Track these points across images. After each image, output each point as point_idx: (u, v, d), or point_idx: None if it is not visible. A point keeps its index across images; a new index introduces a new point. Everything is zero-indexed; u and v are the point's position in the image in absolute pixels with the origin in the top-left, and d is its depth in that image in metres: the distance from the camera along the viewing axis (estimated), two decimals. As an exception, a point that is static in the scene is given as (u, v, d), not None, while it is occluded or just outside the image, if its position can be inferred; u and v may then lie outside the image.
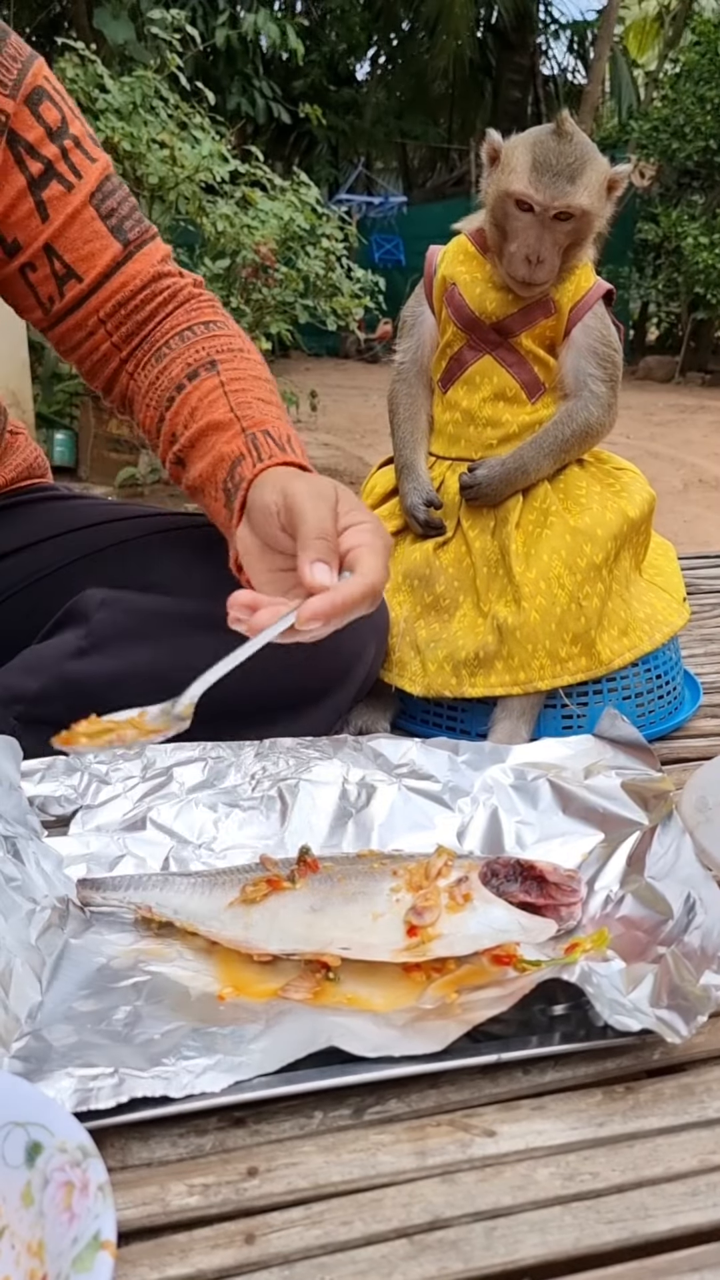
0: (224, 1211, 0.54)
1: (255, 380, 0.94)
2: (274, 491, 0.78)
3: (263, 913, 0.71)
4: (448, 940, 0.68)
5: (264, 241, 4.13)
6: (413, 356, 1.14)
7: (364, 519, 0.76)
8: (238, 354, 0.96)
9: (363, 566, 0.73)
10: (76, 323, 0.97)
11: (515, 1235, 0.53)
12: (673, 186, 9.73)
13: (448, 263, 1.11)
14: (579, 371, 1.08)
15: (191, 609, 0.92)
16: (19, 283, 0.96)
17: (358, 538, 0.75)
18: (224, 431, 0.89)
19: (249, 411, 0.90)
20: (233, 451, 0.87)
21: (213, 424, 0.90)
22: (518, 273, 1.02)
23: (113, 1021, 0.63)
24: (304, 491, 0.76)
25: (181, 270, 1.01)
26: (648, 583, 1.12)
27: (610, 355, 1.09)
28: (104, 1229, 0.46)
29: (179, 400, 0.93)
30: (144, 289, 0.96)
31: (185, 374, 0.93)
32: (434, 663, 1.03)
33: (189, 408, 0.92)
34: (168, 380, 0.94)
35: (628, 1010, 0.61)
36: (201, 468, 0.90)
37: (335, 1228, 0.53)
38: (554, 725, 1.04)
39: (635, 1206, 0.54)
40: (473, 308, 1.07)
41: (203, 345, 0.95)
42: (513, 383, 1.08)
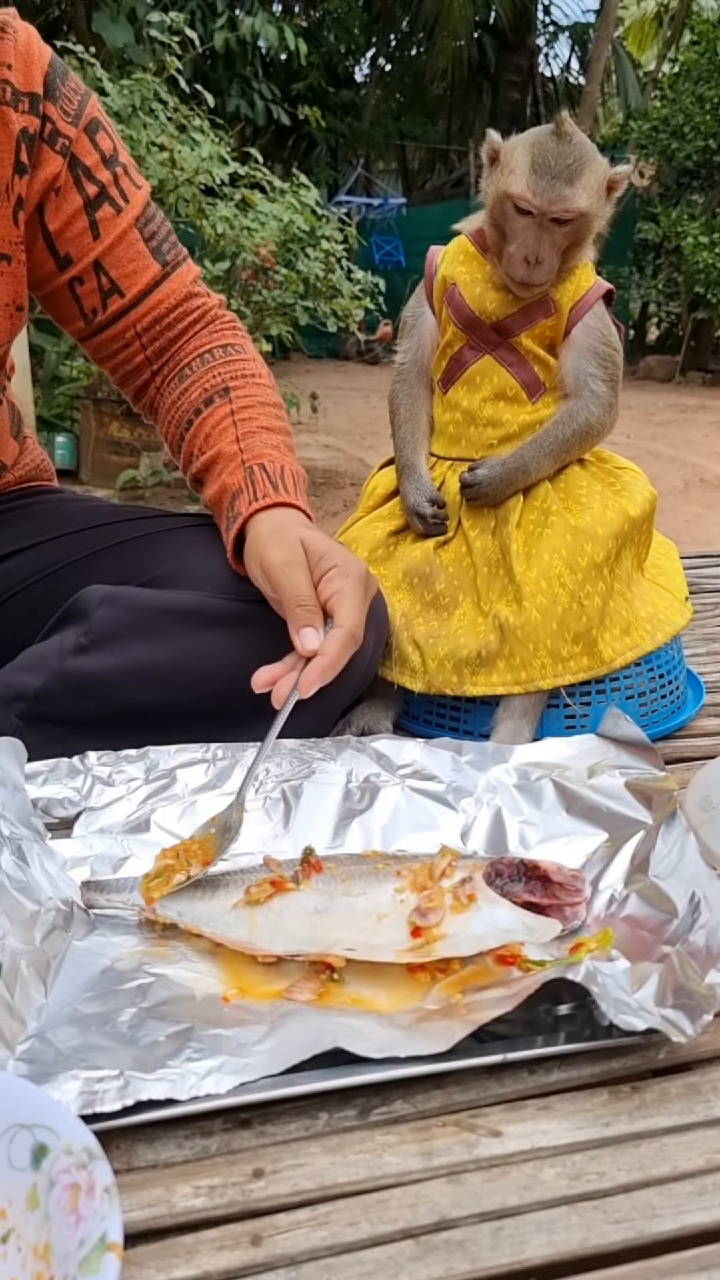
0: (230, 1213, 0.54)
1: (263, 406, 1.02)
2: (254, 565, 0.89)
3: (267, 914, 0.71)
4: (452, 941, 0.68)
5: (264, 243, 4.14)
6: (413, 357, 1.14)
7: (334, 563, 0.86)
8: (250, 380, 1.04)
9: (340, 614, 0.84)
10: (115, 334, 1.05)
11: (522, 1235, 0.53)
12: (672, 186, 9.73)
13: (448, 263, 1.11)
14: (579, 371, 1.08)
15: (192, 605, 0.93)
16: (65, 295, 1.03)
17: (332, 585, 0.85)
18: (228, 462, 0.98)
19: (251, 442, 0.99)
20: (233, 484, 0.97)
21: (220, 454, 0.99)
22: (516, 274, 1.02)
23: (117, 1024, 0.63)
24: (277, 563, 0.86)
25: (208, 290, 1.10)
26: (649, 582, 1.12)
27: (610, 355, 1.09)
28: (110, 1231, 0.46)
29: (195, 425, 1.02)
30: (177, 307, 1.05)
31: (202, 399, 1.02)
32: (434, 659, 1.03)
33: (203, 434, 1.01)
34: (187, 404, 1.03)
35: (633, 1010, 0.61)
36: (211, 492, 1.00)
37: (341, 1229, 0.53)
38: (556, 725, 1.03)
39: (642, 1206, 0.54)
40: (473, 308, 1.07)
41: (219, 370, 1.04)
42: (513, 382, 1.08)
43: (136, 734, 0.91)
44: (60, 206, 0.99)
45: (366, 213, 10.78)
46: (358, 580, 0.85)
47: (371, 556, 1.10)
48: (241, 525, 0.93)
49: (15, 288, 1.01)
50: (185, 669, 0.92)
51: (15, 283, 1.00)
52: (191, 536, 1.04)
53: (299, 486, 0.98)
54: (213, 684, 0.92)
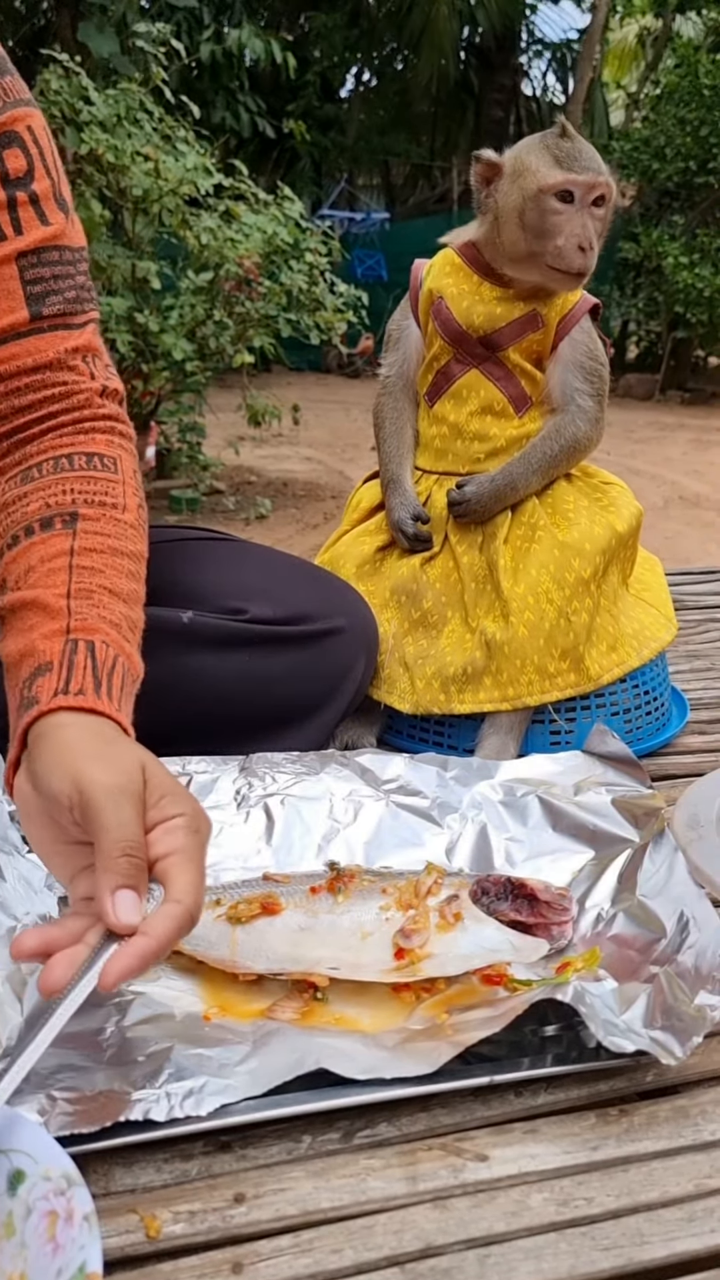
0: (210, 1239, 0.53)
1: (114, 556, 0.78)
2: (63, 779, 0.61)
3: (249, 932, 0.70)
4: (439, 960, 0.67)
5: (247, 255, 4.14)
6: (398, 370, 1.13)
7: (177, 810, 0.61)
8: (108, 511, 0.80)
9: (176, 885, 0.58)
10: None
11: (509, 1263, 0.52)
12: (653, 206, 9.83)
13: (434, 276, 1.11)
14: (566, 386, 1.08)
15: (178, 624, 0.91)
16: None
17: (170, 841, 0.60)
18: (47, 620, 0.72)
19: (84, 606, 0.73)
20: (43, 654, 0.70)
21: (38, 602, 0.73)
22: (574, 264, 1.01)
23: (96, 1043, 0.62)
24: (103, 786, 0.59)
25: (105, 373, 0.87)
26: (635, 598, 1.12)
27: (597, 370, 1.09)
28: (90, 1260, 0.44)
29: (21, 547, 0.77)
30: (36, 372, 0.83)
31: (38, 518, 0.78)
32: (422, 679, 1.02)
33: (26, 564, 0.76)
34: (20, 514, 0.80)
35: (621, 1031, 0.61)
36: (11, 648, 0.74)
37: (325, 1256, 0.52)
38: (542, 741, 1.03)
39: (631, 1233, 0.53)
40: (460, 321, 1.07)
41: (73, 486, 0.80)
42: (500, 396, 1.08)
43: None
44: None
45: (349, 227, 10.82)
46: (203, 842, 0.62)
47: (358, 572, 1.09)
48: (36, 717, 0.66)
49: None
50: (173, 691, 0.89)
51: None
52: (182, 551, 1.02)
53: (127, 689, 0.72)
54: (203, 706, 0.91)
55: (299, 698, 0.93)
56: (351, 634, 0.97)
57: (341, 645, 0.96)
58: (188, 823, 0.61)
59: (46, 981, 0.55)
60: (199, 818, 0.63)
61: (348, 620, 0.97)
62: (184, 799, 0.63)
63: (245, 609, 0.93)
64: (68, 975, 0.55)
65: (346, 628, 0.96)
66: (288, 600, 0.95)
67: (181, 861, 0.59)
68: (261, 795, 0.86)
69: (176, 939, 0.58)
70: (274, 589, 0.96)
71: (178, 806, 0.62)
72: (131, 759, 0.63)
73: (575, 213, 1.01)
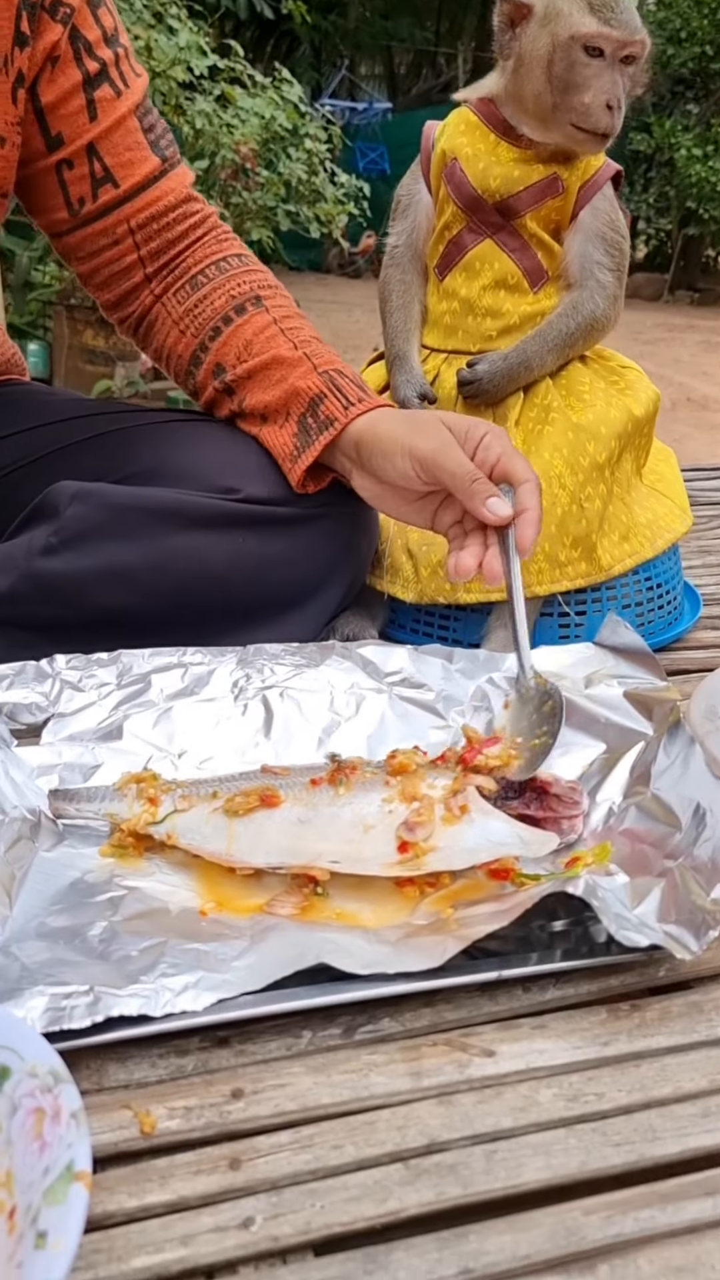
0: (207, 1135, 0.51)
1: (300, 318, 0.97)
2: (404, 460, 0.82)
3: (246, 825, 0.67)
4: (444, 854, 0.64)
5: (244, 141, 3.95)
6: (407, 240, 1.06)
7: (482, 431, 0.82)
8: (276, 290, 0.98)
9: (517, 473, 0.80)
10: (103, 229, 0.95)
11: (517, 1159, 0.50)
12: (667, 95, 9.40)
13: (448, 136, 1.03)
14: (585, 258, 1.01)
15: (171, 503, 0.87)
16: (50, 179, 0.94)
17: (493, 451, 0.81)
18: (293, 367, 0.92)
19: (312, 350, 0.93)
20: (310, 388, 0.90)
21: (278, 359, 0.92)
22: (600, 124, 0.94)
23: (87, 938, 0.59)
24: (432, 449, 0.81)
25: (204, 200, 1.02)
26: (649, 488, 1.07)
27: (618, 242, 1.02)
28: (78, 1159, 0.42)
29: (227, 332, 0.95)
30: (178, 207, 0.97)
31: (231, 307, 0.95)
32: (427, 568, 0.97)
33: (241, 340, 0.94)
34: (210, 310, 0.96)
35: (634, 926, 0.58)
36: (268, 398, 0.92)
37: (326, 1151, 0.50)
38: (551, 634, 0.99)
39: (643, 1128, 0.51)
40: (475, 185, 1.00)
41: (243, 279, 0.97)
42: (515, 269, 1.02)
43: (109, 640, 0.85)
44: (56, 79, 0.90)
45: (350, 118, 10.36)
46: (508, 440, 0.82)
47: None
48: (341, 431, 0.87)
49: (4, 173, 0.91)
50: (164, 573, 0.86)
51: (6, 167, 0.91)
52: (175, 430, 0.98)
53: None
54: (194, 589, 0.87)
55: (295, 582, 0.89)
56: (348, 515, 0.92)
57: (338, 527, 0.92)
58: (492, 435, 0.82)
59: (489, 573, 0.79)
60: (491, 427, 0.83)
61: (344, 501, 0.92)
62: (477, 423, 0.83)
63: (238, 488, 0.88)
64: (498, 564, 0.79)
65: (343, 509, 0.92)
66: (282, 479, 0.90)
67: (508, 457, 0.80)
68: (260, 688, 0.82)
69: (541, 505, 0.79)
70: (268, 468, 0.91)
71: (479, 430, 0.82)
72: (432, 419, 0.84)
73: (605, 68, 0.94)
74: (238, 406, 0.96)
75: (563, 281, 1.03)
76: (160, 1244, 0.45)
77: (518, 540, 0.78)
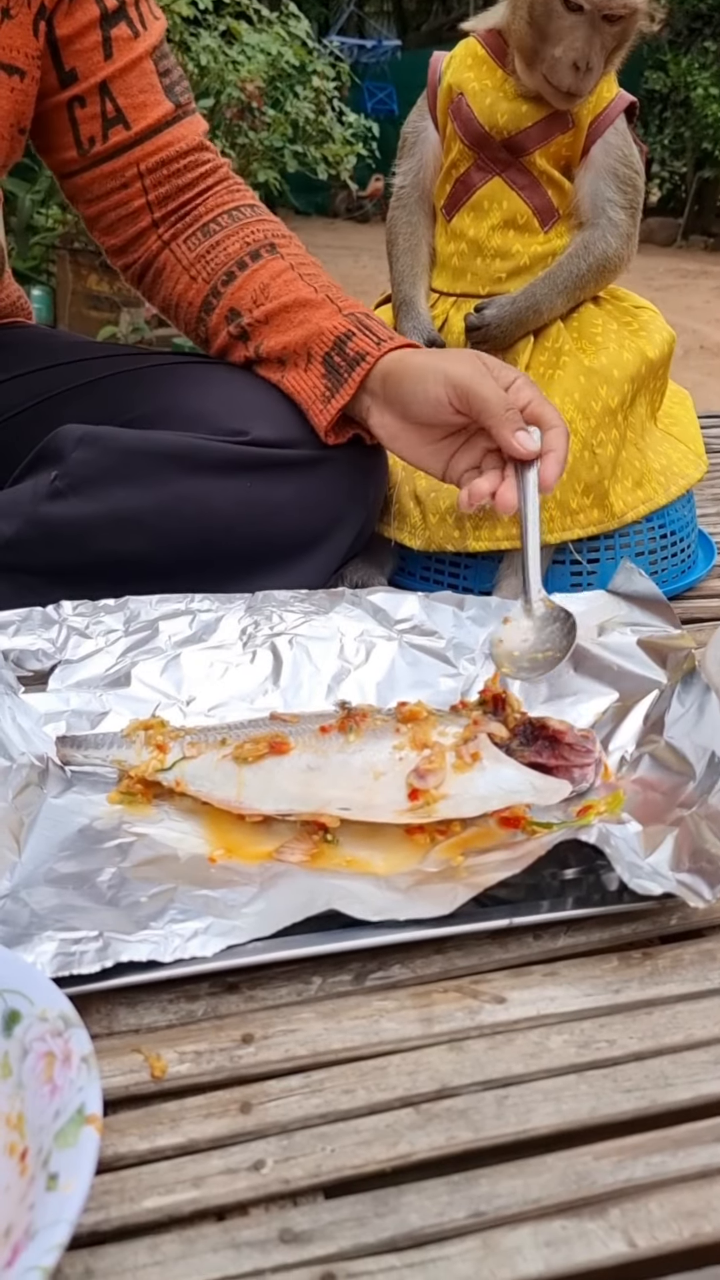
0: (217, 1079, 0.51)
1: (316, 265, 0.96)
2: (438, 385, 0.82)
3: (256, 772, 0.66)
4: (455, 801, 0.64)
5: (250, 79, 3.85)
6: (413, 179, 1.03)
7: (513, 375, 0.82)
8: (290, 239, 0.97)
9: (546, 417, 0.80)
10: (112, 170, 0.94)
11: (528, 1104, 0.50)
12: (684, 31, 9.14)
13: (454, 69, 0.99)
14: (597, 196, 0.98)
15: (178, 447, 0.85)
16: (61, 117, 0.92)
17: (524, 394, 0.80)
18: (317, 308, 0.91)
19: (335, 294, 0.93)
20: (335, 328, 0.89)
21: (299, 301, 0.91)
22: (563, 82, 0.90)
23: (96, 884, 0.59)
24: (470, 375, 0.80)
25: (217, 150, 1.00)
26: (663, 432, 1.05)
27: (631, 178, 0.99)
28: (89, 1102, 0.42)
29: (242, 277, 0.93)
30: (189, 154, 0.95)
31: (246, 252, 0.94)
32: (435, 514, 0.96)
33: (257, 284, 0.93)
34: (224, 255, 0.94)
35: (647, 874, 0.58)
36: (286, 339, 0.91)
37: (336, 1096, 0.50)
38: (563, 582, 0.98)
39: (654, 1075, 0.51)
40: (482, 121, 0.97)
41: (256, 227, 0.96)
42: (524, 208, 0.99)
43: (116, 586, 0.84)
44: (73, 13, 0.88)
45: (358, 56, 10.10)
46: (538, 387, 0.82)
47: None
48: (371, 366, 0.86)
49: (23, 107, 0.89)
50: (172, 517, 0.85)
51: (24, 101, 0.89)
52: (183, 373, 0.96)
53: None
54: (203, 533, 0.86)
55: (303, 528, 0.88)
56: (358, 459, 0.91)
57: (348, 471, 0.90)
58: (524, 380, 0.82)
59: (503, 502, 0.79)
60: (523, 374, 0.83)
61: (354, 445, 0.91)
62: (511, 367, 0.84)
63: (246, 430, 0.87)
64: (513, 494, 0.79)
65: (353, 452, 0.90)
66: (291, 422, 0.89)
67: (539, 401, 0.80)
68: (269, 635, 0.81)
69: (568, 451, 0.80)
70: (275, 411, 0.89)
71: (511, 373, 0.82)
72: (467, 355, 0.84)
73: (582, 24, 0.89)
74: (253, 352, 0.94)
75: (574, 220, 1.00)
76: (171, 1185, 0.46)
77: (541, 476, 0.79)
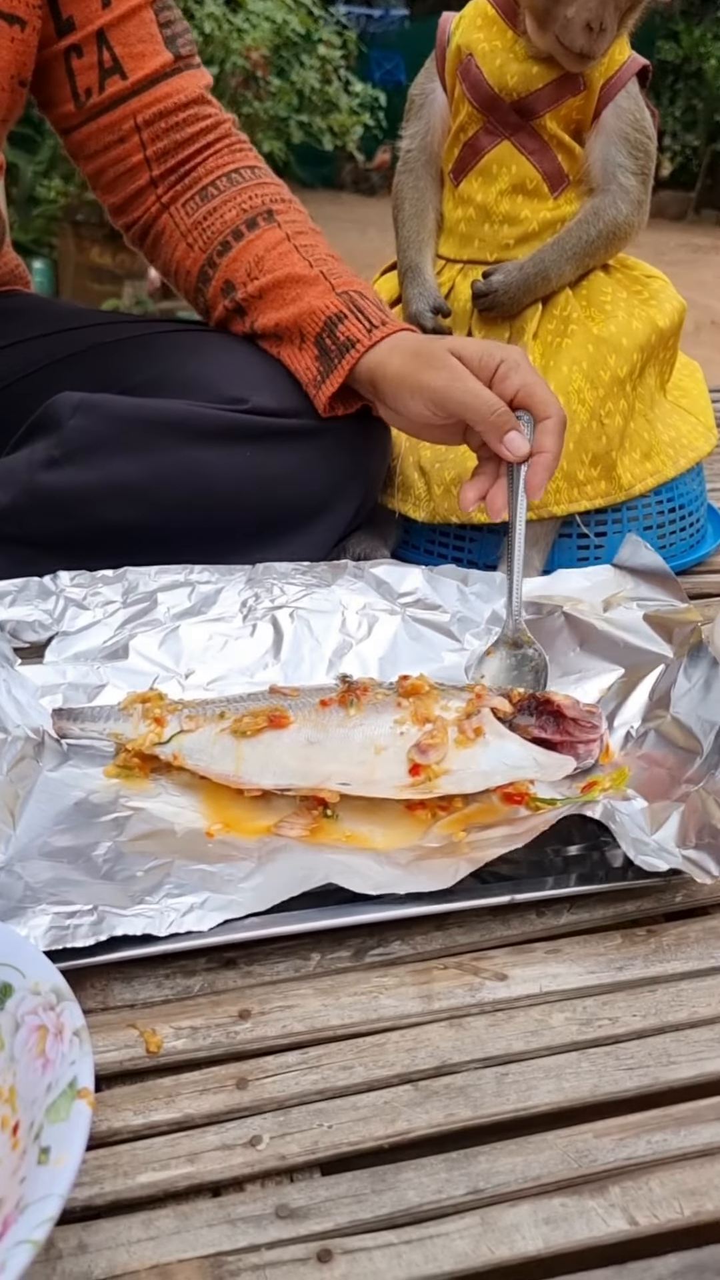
0: (214, 1055, 0.50)
1: (315, 234, 0.93)
2: (416, 401, 0.79)
3: (254, 746, 0.65)
4: (457, 777, 0.63)
5: (255, 47, 3.80)
6: (421, 143, 1.01)
7: (498, 358, 0.77)
8: (290, 205, 0.94)
9: (538, 404, 0.75)
10: (110, 123, 0.92)
11: (528, 1081, 0.49)
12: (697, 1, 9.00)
13: (464, 30, 0.97)
14: (608, 161, 0.96)
15: (179, 415, 0.84)
16: (59, 67, 0.91)
17: (512, 380, 0.76)
18: (309, 285, 0.88)
19: (329, 269, 0.90)
20: (327, 307, 0.86)
21: (293, 276, 0.89)
22: (576, 43, 0.88)
23: (92, 858, 0.58)
24: (444, 384, 0.77)
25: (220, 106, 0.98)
26: (672, 404, 1.03)
27: (643, 143, 0.97)
28: (81, 1076, 0.41)
29: (237, 247, 0.91)
30: (189, 107, 0.93)
31: (242, 220, 0.92)
32: (440, 485, 0.94)
33: (252, 256, 0.91)
34: (220, 224, 0.92)
35: (653, 850, 0.57)
36: (280, 317, 0.89)
37: (334, 1072, 0.49)
38: (569, 556, 0.96)
39: (657, 1053, 0.50)
40: (491, 83, 0.95)
41: (255, 192, 0.93)
42: (534, 173, 0.97)
43: (114, 557, 0.83)
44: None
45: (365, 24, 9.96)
46: (529, 365, 0.78)
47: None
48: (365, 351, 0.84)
49: (24, 58, 0.87)
50: (169, 486, 0.83)
51: (24, 52, 0.87)
52: (182, 340, 0.94)
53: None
54: (201, 503, 0.85)
55: (303, 498, 0.87)
56: (360, 429, 0.89)
57: (349, 441, 0.89)
58: (508, 363, 0.77)
59: (492, 507, 0.76)
60: (510, 350, 0.78)
61: (356, 414, 0.89)
62: (494, 349, 0.78)
63: (246, 398, 0.85)
64: (502, 498, 0.76)
65: (354, 423, 0.89)
66: (291, 391, 0.87)
67: (530, 387, 0.76)
68: (269, 608, 0.80)
69: (562, 445, 0.76)
70: (276, 380, 0.88)
71: (495, 356, 0.77)
72: (441, 351, 0.79)
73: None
74: (249, 328, 0.92)
75: (584, 186, 0.98)
76: (166, 1161, 0.45)
77: (527, 482, 0.75)
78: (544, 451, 0.75)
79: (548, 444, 0.75)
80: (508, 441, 0.74)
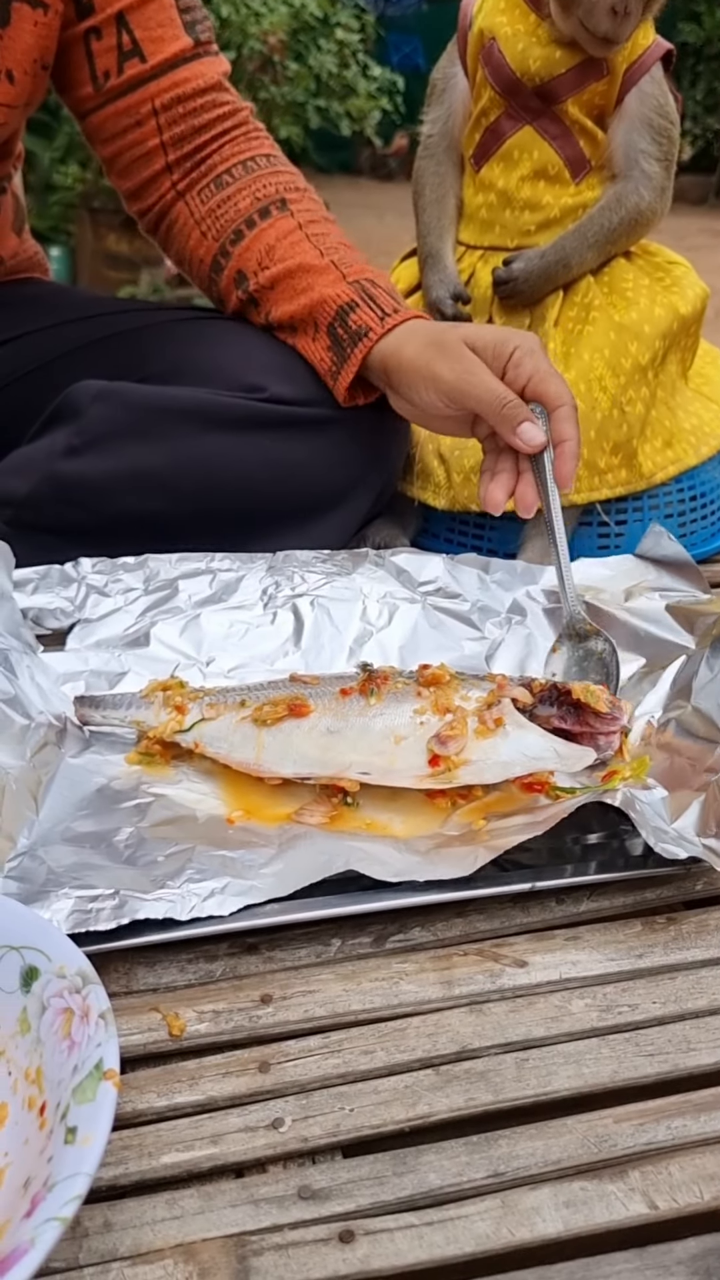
0: (236, 1039, 0.51)
1: (329, 223, 0.93)
2: (428, 392, 0.79)
3: (275, 734, 0.66)
4: (477, 767, 0.63)
5: (272, 31, 3.77)
6: (442, 128, 1.01)
7: (511, 346, 0.76)
8: (304, 193, 0.94)
9: (550, 393, 0.75)
10: (127, 107, 0.92)
11: (548, 1067, 0.49)
12: (718, -19, 8.89)
13: (486, 13, 0.96)
14: (630, 147, 0.96)
15: (195, 403, 0.84)
16: (78, 50, 0.91)
17: (524, 369, 0.75)
18: (320, 275, 0.88)
19: (341, 257, 0.89)
20: (338, 296, 0.86)
21: (304, 266, 0.89)
22: (600, 27, 0.87)
23: (114, 843, 0.59)
24: (456, 376, 0.76)
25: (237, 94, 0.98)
26: (694, 392, 1.03)
27: (666, 129, 0.96)
28: (106, 1058, 0.42)
29: (250, 236, 0.91)
30: (206, 93, 0.93)
31: (255, 209, 0.92)
32: (460, 473, 0.94)
33: (263, 245, 0.91)
34: (233, 212, 0.92)
35: (673, 839, 0.57)
36: (294, 308, 0.89)
37: (355, 1056, 0.49)
38: (589, 545, 0.96)
39: (677, 1039, 0.51)
40: (513, 67, 0.94)
41: (269, 180, 0.93)
42: (556, 158, 0.96)
43: (134, 545, 0.84)
44: None
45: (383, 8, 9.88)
46: (543, 352, 0.77)
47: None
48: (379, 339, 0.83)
49: (46, 41, 0.88)
50: (189, 474, 0.84)
51: (47, 36, 0.87)
52: (199, 328, 0.94)
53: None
54: (220, 491, 0.85)
55: (322, 487, 0.87)
56: (378, 418, 0.89)
57: (367, 430, 0.89)
58: (521, 350, 0.76)
59: (523, 503, 0.75)
60: (524, 338, 0.77)
61: (374, 403, 0.89)
62: (508, 337, 0.77)
63: (264, 386, 0.85)
64: (532, 493, 0.75)
65: (372, 411, 0.89)
66: (308, 380, 0.88)
67: (540, 377, 0.75)
68: (290, 596, 0.81)
69: (579, 431, 0.75)
70: (293, 368, 0.88)
71: (509, 344, 0.76)
72: (455, 341, 0.78)
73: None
74: (265, 320, 0.92)
75: (606, 172, 0.97)
76: (190, 1142, 0.46)
77: (557, 473, 0.75)
78: (567, 439, 0.74)
79: (568, 431, 0.74)
80: (521, 433, 0.74)
